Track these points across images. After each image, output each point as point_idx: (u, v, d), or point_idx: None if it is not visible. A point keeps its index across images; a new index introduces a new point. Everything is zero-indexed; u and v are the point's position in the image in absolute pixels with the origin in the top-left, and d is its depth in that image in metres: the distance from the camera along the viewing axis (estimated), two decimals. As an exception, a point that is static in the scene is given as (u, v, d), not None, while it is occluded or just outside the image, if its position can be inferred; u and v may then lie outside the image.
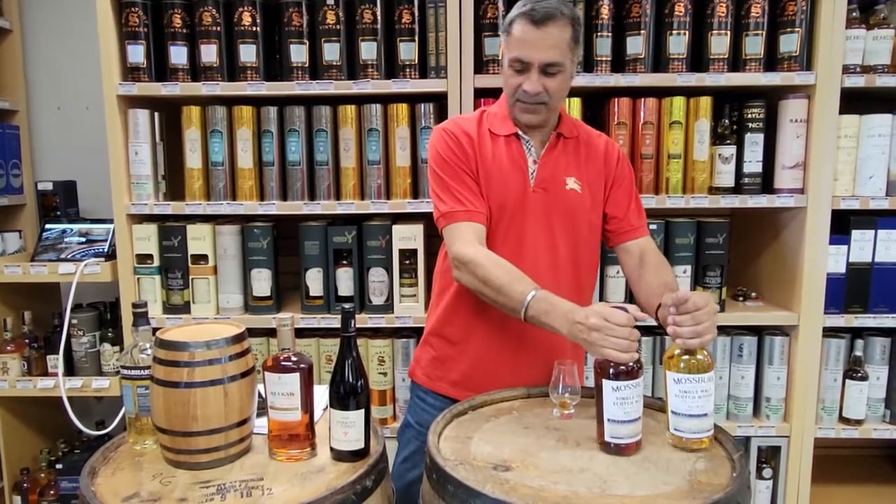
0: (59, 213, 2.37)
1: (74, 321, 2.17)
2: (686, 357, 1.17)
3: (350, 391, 1.16)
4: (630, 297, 2.04)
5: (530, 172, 1.43)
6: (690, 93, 1.98)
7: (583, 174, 1.47)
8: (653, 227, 2.00)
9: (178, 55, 2.01)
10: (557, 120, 1.48)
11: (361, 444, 1.17)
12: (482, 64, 1.97)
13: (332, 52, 2.00)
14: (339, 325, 2.22)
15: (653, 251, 1.50)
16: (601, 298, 2.06)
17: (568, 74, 1.38)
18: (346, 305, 1.21)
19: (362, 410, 1.16)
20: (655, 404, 1.36)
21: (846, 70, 1.92)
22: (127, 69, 2.03)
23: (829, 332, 2.06)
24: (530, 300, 1.25)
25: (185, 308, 2.09)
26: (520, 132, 1.45)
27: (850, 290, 2.02)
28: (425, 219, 2.01)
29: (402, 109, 2.01)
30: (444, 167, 1.42)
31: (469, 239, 1.36)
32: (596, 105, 2.11)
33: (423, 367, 1.59)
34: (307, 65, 2.01)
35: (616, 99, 1.98)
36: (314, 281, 2.07)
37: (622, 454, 1.15)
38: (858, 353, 2.06)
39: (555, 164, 1.45)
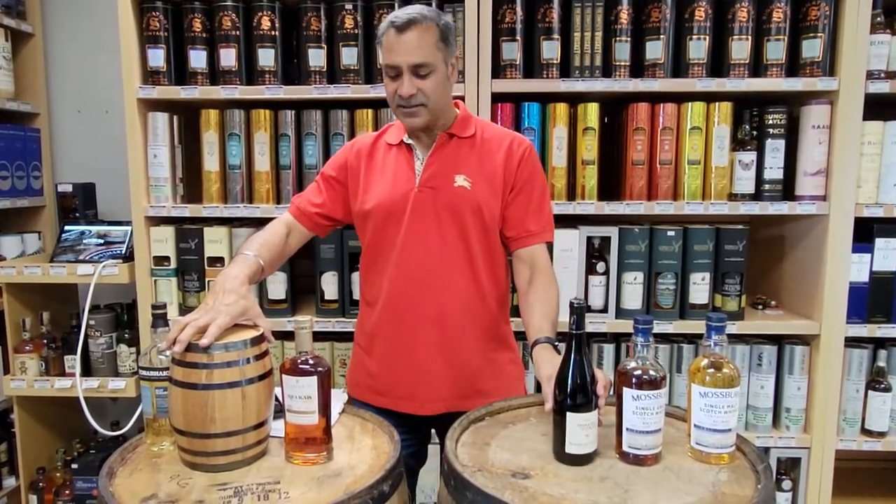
0: (77, 214, 2.39)
1: (92, 322, 2.18)
2: (712, 370, 1.15)
3: (591, 392, 1.14)
4: (648, 307, 2.03)
5: (417, 174, 1.48)
6: (710, 98, 1.96)
7: (475, 172, 1.46)
8: (671, 233, 1.98)
9: (197, 59, 2.03)
10: (453, 120, 1.50)
11: (595, 445, 1.15)
12: (500, 68, 1.96)
13: (349, 56, 2.00)
14: (353, 329, 2.19)
15: (543, 266, 1.48)
16: (616, 305, 2.03)
17: (442, 75, 1.40)
18: (575, 301, 1.15)
19: (596, 410, 1.15)
20: (676, 413, 1.34)
21: (870, 76, 1.89)
22: (147, 73, 2.04)
23: (852, 342, 2.02)
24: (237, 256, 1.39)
25: (201, 310, 2.10)
26: (405, 139, 1.49)
27: (874, 299, 1.99)
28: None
29: (419, 113, 2.01)
30: (323, 169, 1.58)
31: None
32: (614, 110, 2.10)
33: (349, 378, 1.64)
34: (325, 69, 2.02)
35: (634, 104, 1.96)
36: (329, 284, 2.07)
37: (640, 465, 1.13)
38: (882, 363, 2.02)
39: (442, 163, 1.47)
